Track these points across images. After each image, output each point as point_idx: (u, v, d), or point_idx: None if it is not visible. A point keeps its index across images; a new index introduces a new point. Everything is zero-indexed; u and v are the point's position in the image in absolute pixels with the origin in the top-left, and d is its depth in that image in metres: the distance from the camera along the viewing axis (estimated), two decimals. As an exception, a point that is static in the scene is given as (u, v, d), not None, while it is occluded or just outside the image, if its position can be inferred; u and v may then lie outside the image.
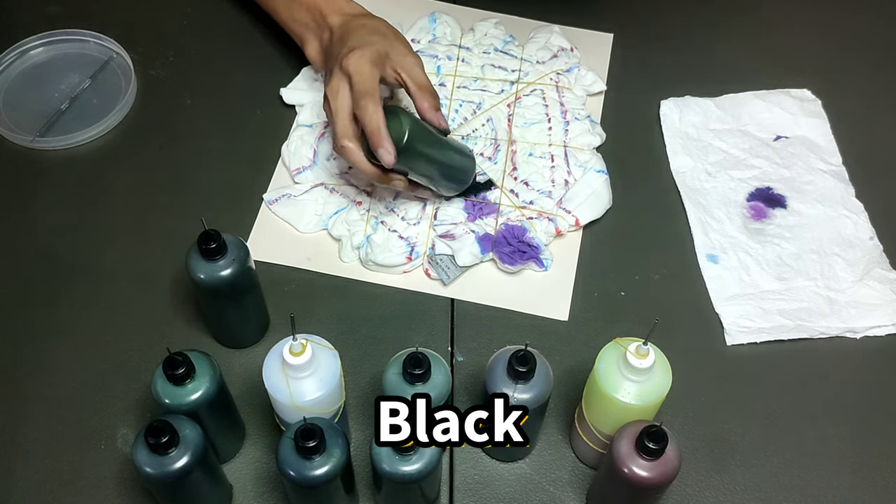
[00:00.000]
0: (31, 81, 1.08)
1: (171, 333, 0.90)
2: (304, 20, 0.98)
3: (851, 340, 0.92)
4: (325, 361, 0.74)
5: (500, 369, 0.75)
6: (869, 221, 0.98)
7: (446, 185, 0.94)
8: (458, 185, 0.95)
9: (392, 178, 0.88)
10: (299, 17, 0.99)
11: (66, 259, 0.94)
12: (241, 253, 0.79)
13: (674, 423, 0.85)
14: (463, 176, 0.94)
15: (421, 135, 0.87)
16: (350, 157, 0.87)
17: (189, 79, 1.08)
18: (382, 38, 0.90)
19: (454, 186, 0.95)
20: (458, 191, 0.96)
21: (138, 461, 0.70)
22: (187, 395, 0.73)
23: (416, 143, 0.86)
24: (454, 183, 0.94)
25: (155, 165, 1.01)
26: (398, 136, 0.84)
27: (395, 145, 0.84)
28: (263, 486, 0.82)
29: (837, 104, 1.07)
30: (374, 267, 0.93)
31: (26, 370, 0.88)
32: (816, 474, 0.84)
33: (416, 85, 0.89)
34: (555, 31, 1.11)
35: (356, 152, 0.86)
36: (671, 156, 1.03)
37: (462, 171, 0.94)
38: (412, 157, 0.87)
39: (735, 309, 0.92)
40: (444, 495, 0.82)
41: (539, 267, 0.94)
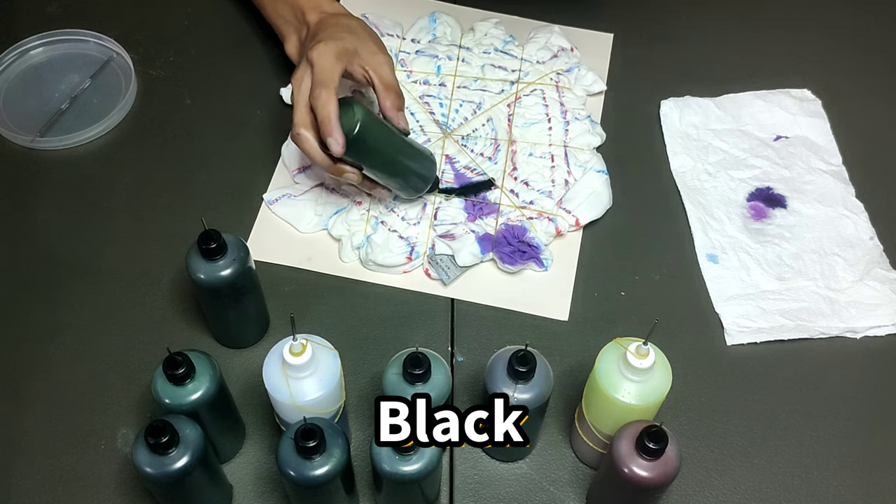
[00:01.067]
0: (31, 81, 1.08)
1: (171, 333, 0.90)
2: (286, 16, 1.00)
3: (851, 340, 0.92)
4: (325, 361, 0.74)
5: (500, 369, 0.75)
6: (869, 221, 0.98)
7: (400, 184, 0.92)
8: (413, 187, 0.93)
9: (344, 171, 0.88)
10: (282, 12, 1.01)
11: (66, 259, 0.94)
12: (241, 253, 0.79)
13: (674, 423, 0.85)
14: (418, 180, 0.92)
15: (375, 129, 0.87)
16: (303, 145, 0.87)
17: (189, 79, 1.08)
18: (353, 35, 0.91)
19: (409, 188, 0.93)
20: (415, 194, 0.94)
21: (138, 461, 0.70)
22: (187, 395, 0.73)
23: (367, 135, 0.85)
24: (409, 184, 0.92)
25: (155, 165, 1.01)
26: (349, 127, 0.84)
27: (346, 136, 0.84)
28: (263, 486, 0.82)
29: (837, 104, 1.07)
30: (374, 267, 0.93)
31: (26, 370, 0.88)
32: (816, 474, 0.84)
33: (381, 83, 0.90)
34: (555, 31, 1.11)
35: (309, 140, 0.87)
36: (671, 156, 1.03)
37: (418, 174, 0.92)
38: (363, 150, 0.86)
39: (735, 309, 0.92)
40: (444, 495, 0.82)
41: (539, 267, 0.94)
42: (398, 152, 0.90)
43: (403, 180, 0.92)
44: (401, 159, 0.90)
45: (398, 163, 0.90)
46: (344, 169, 0.88)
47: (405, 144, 0.91)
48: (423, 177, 0.93)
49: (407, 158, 0.91)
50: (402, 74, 1.07)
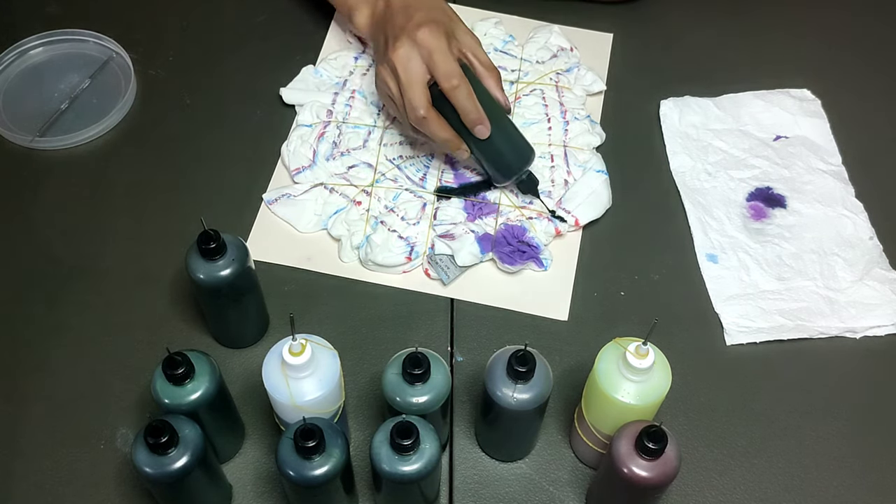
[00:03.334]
0: (30, 81, 1.08)
1: (170, 333, 0.90)
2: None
3: (851, 340, 0.91)
4: (325, 361, 0.74)
5: (500, 369, 0.75)
6: (869, 221, 0.98)
7: (497, 163, 0.93)
8: (507, 168, 0.94)
9: (461, 146, 0.91)
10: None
11: (66, 259, 0.94)
12: (240, 253, 0.79)
13: (674, 423, 0.85)
14: (515, 159, 0.93)
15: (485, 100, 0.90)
16: (430, 127, 0.89)
17: (189, 79, 1.08)
18: (446, 17, 0.91)
19: (503, 168, 0.93)
20: (506, 177, 0.94)
21: (138, 461, 0.70)
22: (187, 395, 0.73)
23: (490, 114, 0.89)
24: (503, 164, 0.93)
25: (154, 165, 1.01)
26: None
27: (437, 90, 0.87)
28: (263, 486, 0.82)
29: (837, 104, 1.07)
30: (374, 267, 0.93)
31: (26, 370, 0.88)
32: (816, 474, 0.84)
33: (482, 64, 0.92)
34: (555, 31, 1.11)
35: (437, 121, 0.88)
36: (671, 156, 1.03)
37: (514, 154, 0.93)
38: None
39: (735, 309, 0.92)
40: (443, 495, 0.82)
41: (539, 267, 0.94)
42: (504, 130, 0.92)
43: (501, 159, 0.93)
44: (505, 138, 0.92)
45: (502, 142, 0.92)
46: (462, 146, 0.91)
47: (509, 124, 0.93)
48: (519, 157, 0.93)
49: (510, 137, 0.92)
50: (401, 74, 1.07)
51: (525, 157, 0.94)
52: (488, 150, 0.92)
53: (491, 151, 0.92)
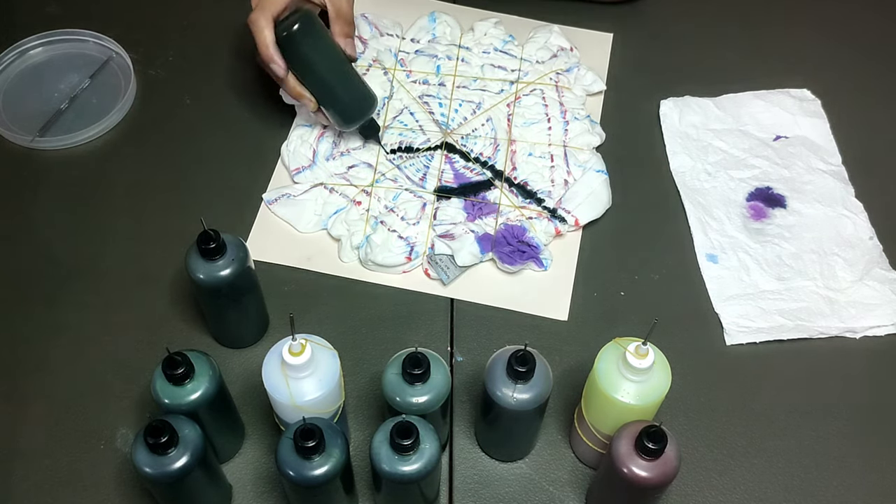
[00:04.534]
0: (30, 81, 1.08)
1: (170, 333, 0.90)
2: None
3: (851, 340, 0.91)
4: (325, 361, 0.74)
5: (500, 369, 0.75)
6: (869, 221, 0.98)
7: (334, 106, 0.95)
8: (346, 114, 0.96)
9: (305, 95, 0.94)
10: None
11: (66, 259, 0.94)
12: (240, 253, 0.79)
13: (674, 423, 0.85)
14: (349, 106, 0.96)
15: (315, 41, 0.92)
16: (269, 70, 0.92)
17: (189, 79, 1.08)
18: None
19: (342, 112, 0.96)
20: (347, 125, 0.97)
21: (137, 461, 0.69)
22: (187, 395, 0.73)
23: (303, 41, 0.91)
24: (342, 108, 0.95)
25: (154, 165, 1.01)
26: (287, 26, 0.90)
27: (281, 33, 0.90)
28: (263, 486, 0.82)
29: (837, 104, 1.07)
30: (374, 267, 0.93)
31: (26, 370, 0.88)
32: (816, 474, 0.84)
33: (335, 11, 0.95)
34: (554, 30, 1.11)
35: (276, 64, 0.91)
36: (671, 156, 1.03)
37: (349, 100, 0.95)
38: (295, 54, 0.91)
39: (735, 309, 0.92)
40: (443, 495, 0.82)
41: (539, 267, 0.94)
42: (333, 70, 0.94)
43: (334, 100, 0.95)
44: (334, 78, 0.94)
45: (333, 82, 0.94)
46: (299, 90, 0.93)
47: (344, 67, 0.95)
48: (354, 106, 0.96)
49: (340, 80, 0.95)
50: (401, 74, 1.07)
51: (363, 106, 0.96)
52: (327, 97, 0.94)
53: (330, 98, 0.95)
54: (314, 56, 0.93)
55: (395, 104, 1.04)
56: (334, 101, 0.95)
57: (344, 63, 0.95)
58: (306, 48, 0.92)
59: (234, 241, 0.80)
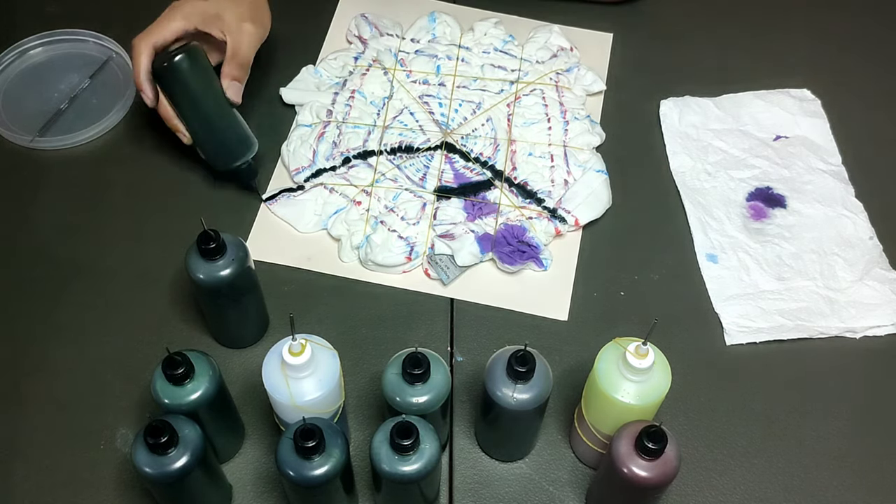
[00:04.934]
0: (30, 81, 1.08)
1: (170, 333, 0.90)
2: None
3: (851, 340, 0.91)
4: (325, 361, 0.74)
5: (500, 369, 0.75)
6: (869, 221, 0.98)
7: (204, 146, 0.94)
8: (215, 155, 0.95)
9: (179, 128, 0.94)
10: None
11: (66, 259, 0.94)
12: (240, 253, 0.79)
13: (674, 423, 0.85)
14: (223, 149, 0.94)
15: (192, 79, 0.90)
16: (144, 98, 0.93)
17: (189, 79, 1.08)
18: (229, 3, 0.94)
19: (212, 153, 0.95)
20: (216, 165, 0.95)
21: (137, 461, 0.69)
22: (187, 395, 0.73)
23: (178, 77, 0.90)
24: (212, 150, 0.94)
25: (154, 165, 1.01)
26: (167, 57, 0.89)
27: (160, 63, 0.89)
28: (263, 486, 0.82)
29: (837, 104, 1.07)
30: (374, 267, 0.93)
31: (26, 370, 0.88)
32: (816, 474, 0.84)
33: (231, 51, 0.94)
34: (554, 30, 1.11)
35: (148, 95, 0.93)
36: (671, 156, 1.03)
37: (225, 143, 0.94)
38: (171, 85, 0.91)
39: (735, 309, 0.92)
40: (443, 495, 0.82)
41: (539, 267, 0.94)
42: (207, 110, 0.92)
43: (204, 140, 0.94)
44: (206, 118, 0.93)
45: (201, 119, 0.93)
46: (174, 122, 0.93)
47: (220, 109, 0.93)
48: (223, 150, 0.94)
49: (213, 122, 0.93)
50: (401, 74, 1.07)
51: (235, 151, 0.94)
52: (198, 136, 0.94)
53: (201, 137, 0.94)
54: (189, 93, 0.91)
55: (395, 104, 1.04)
56: (205, 141, 0.94)
57: (222, 105, 0.93)
58: (180, 84, 0.91)
59: (234, 241, 0.80)
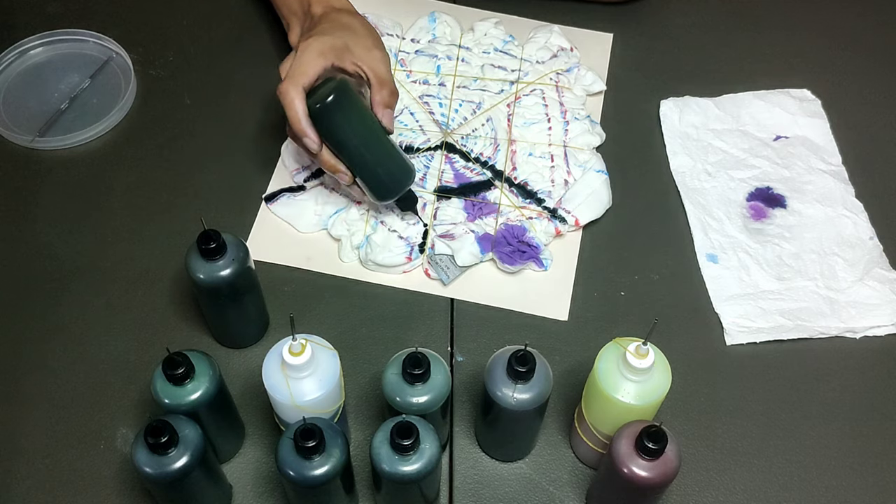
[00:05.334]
0: (30, 81, 1.08)
1: (170, 333, 0.90)
2: (293, 6, 1.00)
3: (851, 340, 0.91)
4: (325, 361, 0.74)
5: (500, 369, 0.75)
6: (869, 221, 0.98)
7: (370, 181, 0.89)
8: (382, 188, 0.90)
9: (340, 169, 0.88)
10: (290, 2, 1.00)
11: (66, 259, 0.94)
12: (240, 253, 0.79)
13: (674, 423, 0.85)
14: (389, 179, 0.89)
15: (349, 113, 0.86)
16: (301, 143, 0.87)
17: (189, 79, 1.08)
18: (347, 32, 0.91)
19: (377, 187, 0.90)
20: (381, 199, 0.91)
21: (138, 461, 0.70)
22: (187, 395, 0.73)
23: (336, 114, 0.85)
24: (377, 183, 0.89)
25: (155, 165, 1.01)
26: (321, 97, 0.84)
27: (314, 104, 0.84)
28: (263, 486, 0.82)
29: (837, 104, 1.07)
30: (374, 267, 0.93)
31: (26, 370, 0.88)
32: (816, 474, 0.84)
33: (375, 78, 0.89)
34: (555, 30, 1.11)
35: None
36: (671, 156, 1.03)
37: (384, 176, 0.89)
38: (327, 125, 0.86)
39: (735, 309, 0.92)
40: (443, 495, 0.82)
41: (539, 267, 0.94)
42: (368, 143, 0.88)
43: (369, 174, 0.89)
44: (369, 151, 0.88)
45: (365, 153, 0.88)
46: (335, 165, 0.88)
47: (379, 140, 0.88)
48: (390, 181, 0.90)
49: (376, 153, 0.88)
50: (401, 74, 1.07)
51: (401, 180, 0.90)
52: (362, 171, 0.89)
53: (365, 172, 0.89)
54: (348, 129, 0.86)
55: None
56: (370, 175, 0.89)
57: (380, 134, 0.88)
58: (340, 121, 0.86)
59: (234, 241, 0.80)
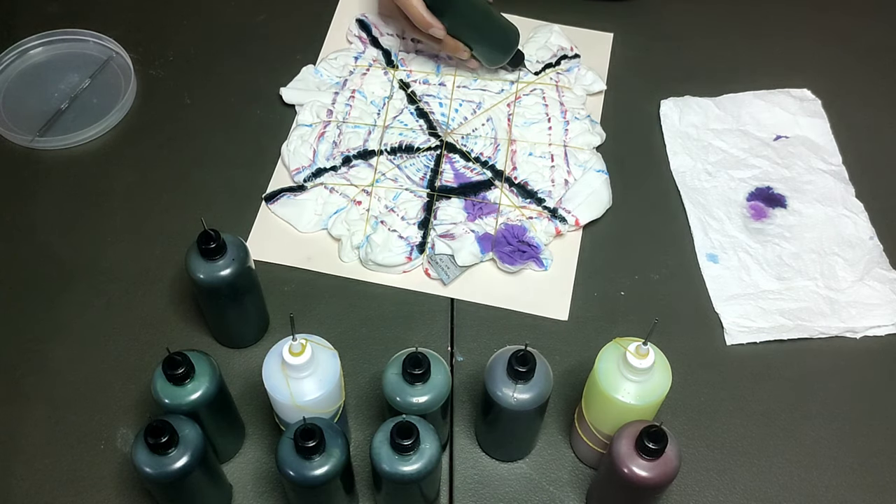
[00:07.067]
0: (30, 81, 1.08)
1: (171, 333, 0.90)
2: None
3: (851, 340, 0.91)
4: (325, 361, 0.74)
5: (500, 369, 0.75)
6: (869, 221, 0.98)
7: (489, 48, 1.01)
8: (502, 50, 1.02)
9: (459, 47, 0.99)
10: None
11: (66, 259, 0.94)
12: (240, 253, 0.79)
13: (674, 423, 0.85)
14: (503, 41, 1.01)
15: None
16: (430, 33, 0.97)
17: (189, 79, 1.08)
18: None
19: (498, 52, 1.02)
20: (504, 58, 1.02)
21: (138, 461, 0.70)
22: (187, 395, 0.73)
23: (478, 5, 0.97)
24: (497, 48, 1.01)
25: (155, 165, 1.01)
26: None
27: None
28: (263, 486, 0.82)
29: (837, 104, 1.07)
30: (374, 267, 0.93)
31: (26, 370, 0.88)
32: (816, 474, 0.84)
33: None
34: (555, 30, 1.11)
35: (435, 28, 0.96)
36: (671, 156, 1.03)
37: (503, 35, 1.01)
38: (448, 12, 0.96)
39: (735, 309, 0.92)
40: (443, 495, 0.82)
41: (539, 267, 0.94)
42: (479, 15, 0.99)
43: (487, 42, 1.01)
44: (482, 22, 0.99)
45: (480, 25, 0.99)
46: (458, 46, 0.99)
47: (488, 12, 1.00)
48: (505, 44, 1.01)
49: (488, 22, 1.00)
50: (402, 74, 1.07)
51: (512, 39, 1.01)
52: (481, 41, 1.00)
53: (483, 41, 1.00)
54: (463, 8, 0.97)
55: (396, 104, 1.04)
56: (487, 45, 1.01)
57: (486, 7, 0.99)
58: (454, 4, 0.96)
59: (234, 241, 0.80)
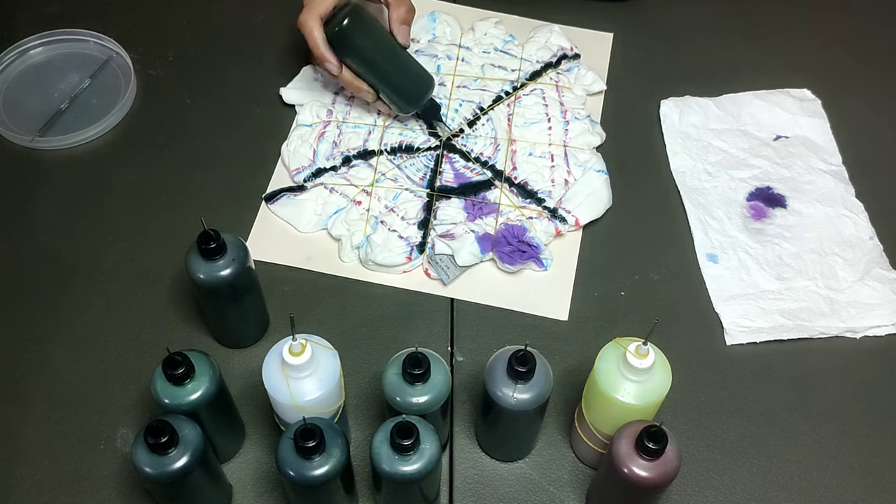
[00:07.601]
0: (30, 81, 1.08)
1: (171, 333, 0.90)
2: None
3: (851, 340, 0.91)
4: (325, 361, 0.74)
5: (500, 369, 0.75)
6: (869, 221, 0.98)
7: (393, 93, 0.97)
8: (405, 98, 0.98)
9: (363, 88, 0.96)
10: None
11: (66, 259, 0.94)
12: (240, 253, 0.79)
13: (674, 423, 0.85)
14: (410, 89, 0.98)
15: (364, 33, 0.93)
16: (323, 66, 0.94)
17: (189, 79, 1.08)
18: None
19: (401, 100, 0.98)
20: (410, 107, 0.99)
21: (138, 461, 0.70)
22: (187, 395, 0.73)
23: (353, 36, 0.92)
24: (399, 94, 0.98)
25: (155, 165, 1.02)
26: (337, 21, 0.91)
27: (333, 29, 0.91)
28: (263, 486, 0.82)
29: (837, 104, 1.07)
30: (374, 267, 0.93)
31: (26, 370, 0.88)
32: (816, 474, 0.84)
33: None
34: (555, 30, 1.11)
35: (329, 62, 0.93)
36: (671, 155, 1.03)
37: (409, 83, 0.97)
38: (347, 47, 0.93)
39: (735, 309, 0.92)
40: (444, 495, 0.82)
41: (539, 267, 0.94)
42: (386, 58, 0.96)
43: (392, 87, 0.97)
44: (388, 65, 0.96)
45: (385, 68, 0.96)
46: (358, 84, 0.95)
47: (396, 54, 0.96)
48: (412, 90, 0.98)
49: (395, 66, 0.96)
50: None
51: (421, 87, 0.98)
52: (384, 85, 0.96)
53: (387, 86, 0.97)
54: (366, 48, 0.94)
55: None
56: (392, 88, 0.97)
57: (396, 49, 0.96)
58: (357, 41, 0.93)
59: (234, 241, 0.80)
